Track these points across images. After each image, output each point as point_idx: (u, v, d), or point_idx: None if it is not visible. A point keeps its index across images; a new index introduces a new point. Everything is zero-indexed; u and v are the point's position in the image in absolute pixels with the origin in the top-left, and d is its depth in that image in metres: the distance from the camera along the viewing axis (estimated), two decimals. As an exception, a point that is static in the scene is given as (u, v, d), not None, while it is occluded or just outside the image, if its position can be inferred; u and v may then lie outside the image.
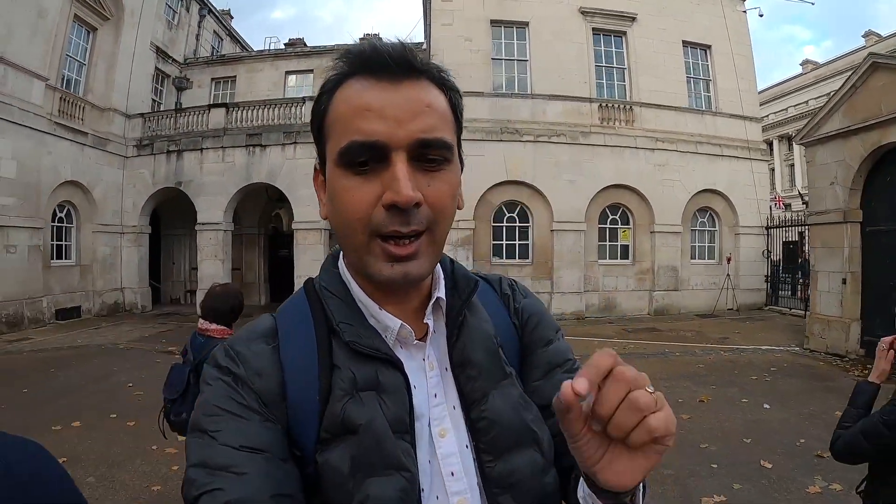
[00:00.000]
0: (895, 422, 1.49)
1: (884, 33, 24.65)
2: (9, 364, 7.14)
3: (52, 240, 10.94)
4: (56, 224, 11.05)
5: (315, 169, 0.61)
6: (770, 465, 3.61)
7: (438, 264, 0.63)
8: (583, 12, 12.79)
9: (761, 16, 17.09)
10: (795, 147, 23.88)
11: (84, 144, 11.26)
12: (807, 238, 10.96)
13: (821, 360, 7.38)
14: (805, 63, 30.43)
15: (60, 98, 10.97)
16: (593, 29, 12.88)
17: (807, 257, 10.97)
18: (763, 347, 8.19)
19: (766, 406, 5.09)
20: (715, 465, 3.68)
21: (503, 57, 12.44)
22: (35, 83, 10.44)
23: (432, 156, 0.52)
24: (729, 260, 12.70)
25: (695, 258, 12.92)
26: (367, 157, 0.50)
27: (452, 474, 0.56)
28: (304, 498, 0.51)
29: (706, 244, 13.18)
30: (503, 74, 12.40)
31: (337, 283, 0.60)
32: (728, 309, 12.32)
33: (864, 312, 7.31)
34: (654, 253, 12.26)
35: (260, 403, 0.53)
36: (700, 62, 13.76)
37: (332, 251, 0.66)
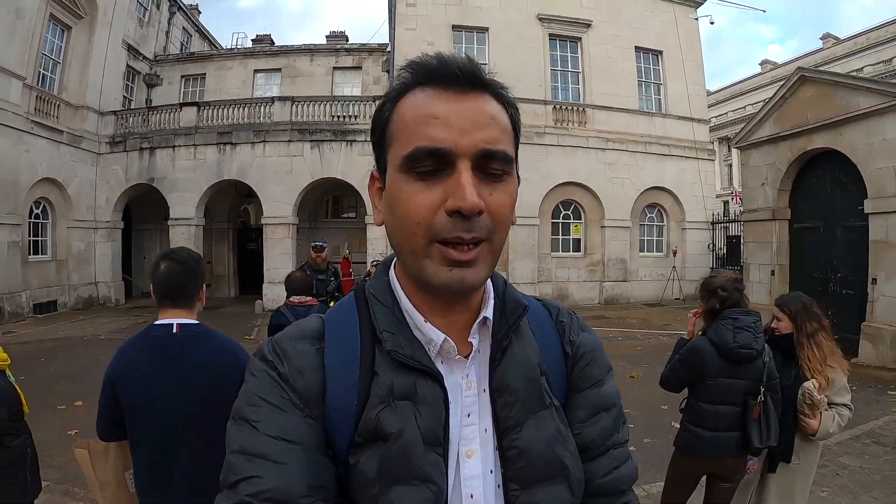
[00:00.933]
0: (685, 360, 2.31)
1: (842, 36, 26.08)
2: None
3: (29, 236, 11.32)
4: (32, 220, 11.43)
5: (372, 176, 0.61)
6: (678, 425, 4.43)
7: (491, 284, 0.63)
8: (540, 19, 13.63)
9: (712, 23, 17.99)
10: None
11: (59, 142, 11.62)
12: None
13: (750, 344, 8.26)
14: (764, 63, 31.77)
15: (37, 97, 11.29)
16: (550, 35, 13.73)
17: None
18: (681, 333, 9.08)
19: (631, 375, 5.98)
20: (632, 426, 4.35)
21: (463, 62, 13.22)
22: (13, 83, 10.74)
23: (494, 167, 0.53)
24: (675, 253, 13.73)
25: (644, 251, 13.95)
26: (431, 164, 0.51)
27: (472, 497, 0.56)
28: (336, 493, 0.53)
29: (654, 238, 14.22)
30: (463, 78, 13.22)
31: (385, 291, 0.61)
32: (675, 298, 13.32)
33: (794, 301, 8.26)
34: (604, 246, 13.24)
35: (301, 401, 0.54)
36: (652, 66, 14.71)
37: (385, 259, 0.66)
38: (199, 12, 19.66)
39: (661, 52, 14.61)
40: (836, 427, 2.26)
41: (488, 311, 0.60)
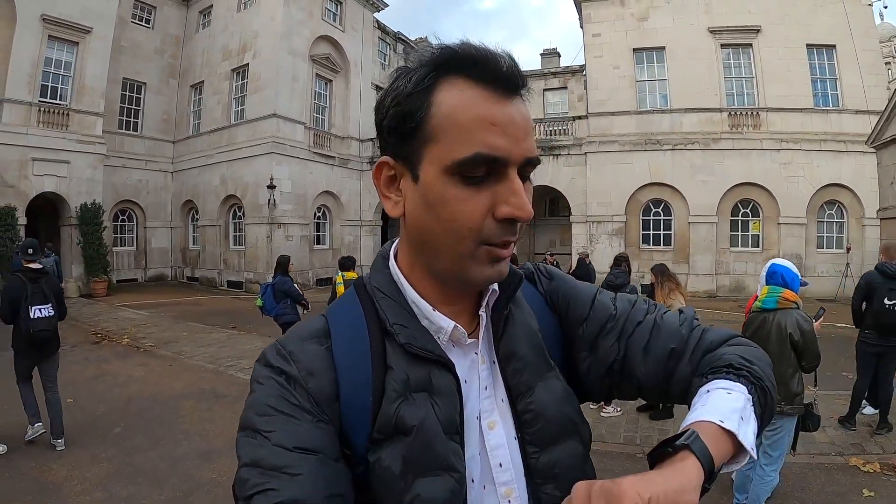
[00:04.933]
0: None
1: None
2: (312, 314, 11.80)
3: (314, 231, 15.72)
4: (316, 221, 15.86)
5: (383, 164, 0.56)
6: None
7: None
8: (711, 31, 14.57)
9: (885, 7, 16.68)
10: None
11: (333, 165, 15.90)
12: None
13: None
14: None
15: (314, 134, 15.63)
16: (721, 45, 14.57)
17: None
18: (838, 325, 8.59)
19: None
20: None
21: (646, 79, 14.87)
22: (298, 127, 15.13)
23: (527, 173, 0.54)
24: (849, 250, 13.59)
25: (822, 247, 14.03)
26: (483, 170, 0.50)
27: (500, 465, 0.57)
28: (354, 496, 0.52)
29: (834, 235, 14.16)
30: (647, 94, 14.83)
31: (389, 283, 0.60)
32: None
33: (920, 297, 8.13)
34: (779, 242, 13.78)
35: (312, 403, 0.53)
36: (826, 62, 14.53)
37: (381, 251, 0.65)
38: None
39: (833, 46, 14.34)
40: None
41: (495, 285, 0.61)
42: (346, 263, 5.86)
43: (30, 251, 3.83)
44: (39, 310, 3.74)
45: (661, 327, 0.65)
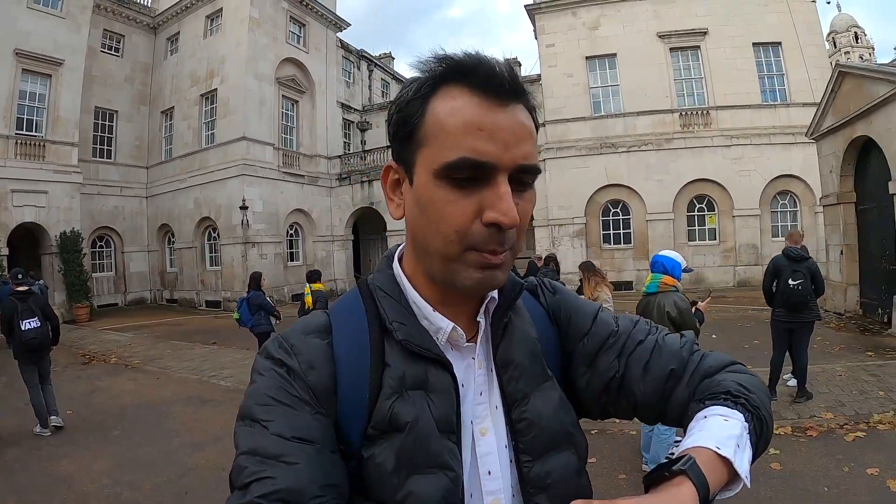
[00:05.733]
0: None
1: None
2: (284, 326, 12.09)
3: (287, 249, 16.10)
4: (289, 238, 16.25)
5: (388, 168, 0.60)
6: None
7: None
8: (660, 36, 15.17)
9: (838, 6, 17.34)
10: None
11: (302, 183, 16.33)
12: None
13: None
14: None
15: (283, 154, 16.09)
16: (670, 49, 15.17)
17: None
18: None
19: (713, 336, 7.02)
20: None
21: (599, 85, 15.46)
22: (267, 148, 15.57)
23: (524, 178, 0.53)
24: (802, 236, 14.11)
25: (777, 236, 14.30)
26: (469, 174, 0.50)
27: (489, 473, 0.57)
28: (348, 490, 0.52)
29: (788, 223, 14.53)
30: (601, 99, 15.40)
31: (391, 283, 0.61)
32: (810, 279, 14.05)
33: (861, 278, 8.73)
34: (735, 234, 14.36)
35: (311, 396, 0.54)
36: (772, 59, 15.04)
37: (387, 253, 0.67)
38: (393, 58, 24.68)
39: (779, 43, 14.80)
40: None
41: (494, 293, 0.61)
42: (313, 276, 6.29)
43: (19, 276, 4.73)
44: (29, 322, 4.55)
45: (662, 348, 0.65)
